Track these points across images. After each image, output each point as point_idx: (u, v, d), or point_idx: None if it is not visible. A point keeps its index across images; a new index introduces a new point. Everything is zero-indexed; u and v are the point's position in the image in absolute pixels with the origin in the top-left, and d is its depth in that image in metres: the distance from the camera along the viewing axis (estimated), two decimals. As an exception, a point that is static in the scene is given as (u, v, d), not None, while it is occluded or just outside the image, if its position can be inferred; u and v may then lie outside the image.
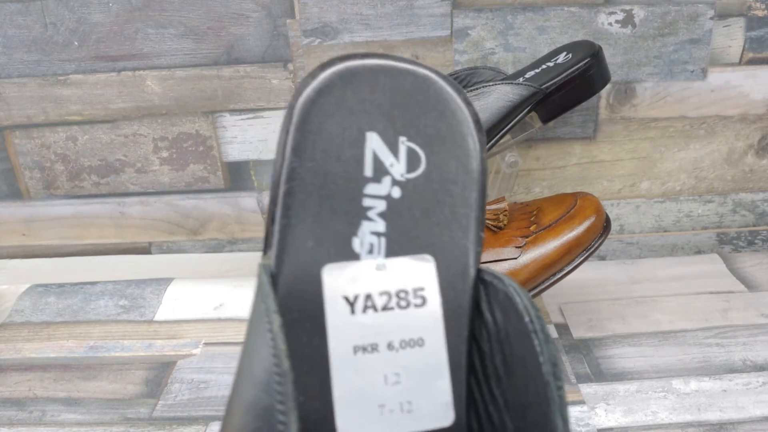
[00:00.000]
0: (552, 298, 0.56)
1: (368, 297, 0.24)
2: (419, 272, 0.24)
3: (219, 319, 0.55)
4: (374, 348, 0.24)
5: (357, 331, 0.23)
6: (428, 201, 0.25)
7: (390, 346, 0.24)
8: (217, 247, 0.64)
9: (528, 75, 0.54)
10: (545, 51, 0.57)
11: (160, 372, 0.49)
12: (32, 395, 0.47)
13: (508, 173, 0.55)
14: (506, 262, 0.45)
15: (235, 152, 0.60)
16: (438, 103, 0.24)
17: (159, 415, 0.45)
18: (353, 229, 0.24)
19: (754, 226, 0.64)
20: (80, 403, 0.46)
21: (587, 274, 0.60)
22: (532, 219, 0.48)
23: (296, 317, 0.23)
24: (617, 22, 0.56)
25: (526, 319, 0.22)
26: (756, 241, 0.64)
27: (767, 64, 0.58)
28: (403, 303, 0.24)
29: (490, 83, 0.50)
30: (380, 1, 0.56)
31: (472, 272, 0.25)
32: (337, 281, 0.23)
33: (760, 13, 0.56)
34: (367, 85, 0.24)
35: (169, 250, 0.64)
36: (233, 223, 0.63)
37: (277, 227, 0.24)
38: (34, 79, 0.58)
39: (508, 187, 0.56)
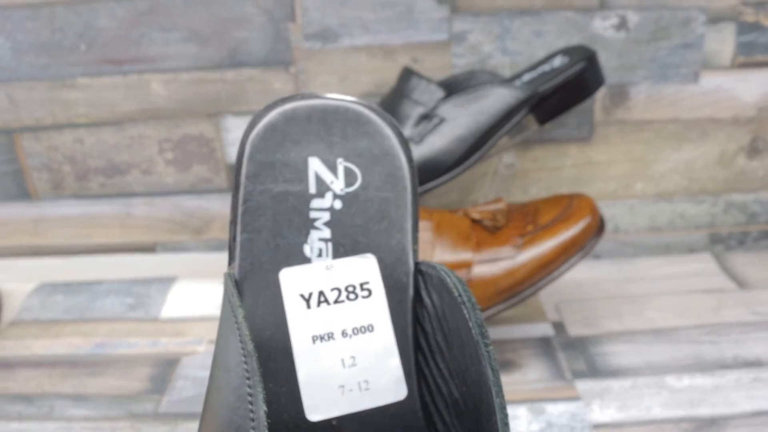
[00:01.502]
0: (548, 297, 0.57)
1: (321, 293, 0.27)
2: (364, 269, 0.28)
3: (223, 317, 0.56)
4: (330, 336, 0.27)
5: (314, 323, 0.27)
6: (367, 209, 0.29)
7: (344, 334, 0.27)
8: (220, 246, 0.64)
9: (525, 78, 0.54)
10: (541, 55, 0.58)
11: (165, 369, 0.50)
12: (41, 391, 0.48)
13: (505, 174, 0.56)
14: (503, 261, 0.46)
15: (238, 154, 0.61)
16: (368, 129, 0.29)
17: (164, 410, 0.45)
18: (303, 238, 0.29)
19: (746, 225, 0.64)
20: (87, 398, 0.47)
21: (583, 273, 0.60)
22: (529, 219, 0.48)
23: (261, 316, 0.27)
24: (612, 26, 0.57)
25: (455, 293, 0.26)
26: (747, 241, 0.65)
27: (758, 67, 0.59)
28: (351, 296, 0.27)
29: (488, 86, 0.51)
30: (380, 6, 0.57)
31: (411, 266, 0.29)
32: (293, 282, 0.27)
33: (750, 18, 0.57)
34: (306, 120, 0.29)
35: (173, 250, 0.65)
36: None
37: (238, 242, 0.28)
38: (42, 83, 0.59)
39: (506, 188, 0.57)
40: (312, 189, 0.29)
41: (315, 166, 0.29)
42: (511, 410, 0.44)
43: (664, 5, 0.57)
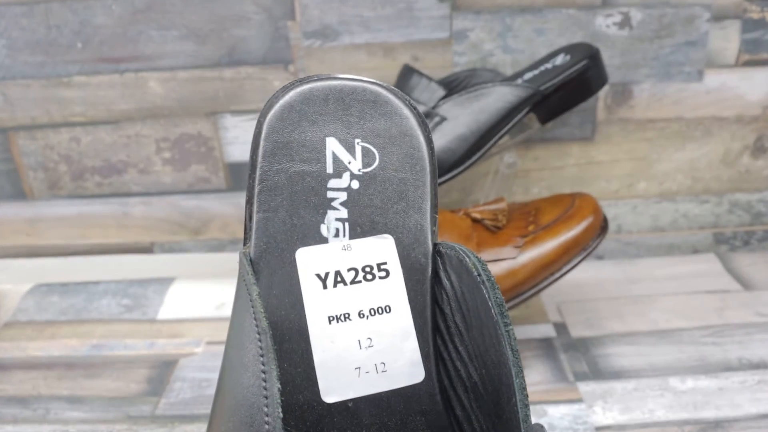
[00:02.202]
0: (550, 298, 0.57)
1: (338, 273, 0.27)
2: (381, 250, 0.28)
3: (220, 318, 0.55)
4: (347, 317, 0.27)
5: (330, 304, 0.27)
6: (385, 190, 0.29)
7: (361, 315, 0.27)
8: (218, 246, 0.64)
9: (526, 76, 0.54)
10: (543, 53, 0.58)
11: (163, 370, 0.49)
12: (36, 393, 0.47)
13: (506, 174, 0.56)
14: (505, 261, 0.45)
15: (236, 153, 0.61)
16: (386, 110, 0.29)
17: (161, 413, 0.45)
18: (320, 218, 0.28)
19: (750, 225, 0.64)
20: (83, 401, 0.46)
21: (585, 273, 0.60)
22: (530, 219, 0.48)
23: (276, 296, 0.27)
24: (615, 24, 0.57)
25: (475, 273, 0.25)
26: (752, 241, 0.64)
27: (762, 65, 0.58)
28: (369, 276, 0.28)
29: (489, 85, 0.51)
30: (380, 4, 0.56)
31: (429, 247, 0.29)
32: (309, 262, 0.27)
33: (755, 16, 0.57)
34: (323, 101, 0.29)
35: (171, 250, 0.65)
36: (234, 222, 0.63)
37: (254, 221, 0.28)
38: (38, 81, 0.59)
39: (507, 187, 0.57)
40: (329, 169, 0.29)
41: (332, 146, 0.29)
42: (512, 413, 0.44)
43: (667, 2, 0.56)
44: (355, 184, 0.29)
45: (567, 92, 0.52)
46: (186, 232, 0.64)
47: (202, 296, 0.58)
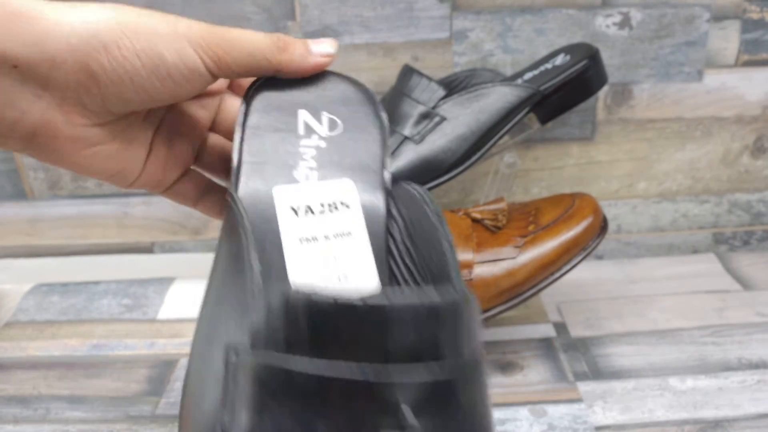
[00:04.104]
0: (550, 298, 0.57)
1: (308, 206, 0.34)
2: (343, 189, 0.35)
3: (221, 318, 0.55)
4: (315, 239, 0.33)
5: (301, 228, 0.33)
6: (346, 147, 0.36)
7: (326, 238, 0.33)
8: (218, 246, 0.64)
9: (526, 77, 0.54)
10: (543, 53, 0.58)
11: (163, 370, 0.49)
12: (37, 393, 0.47)
13: (506, 174, 0.56)
14: (505, 261, 0.45)
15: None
16: (345, 93, 0.37)
17: (162, 412, 0.45)
18: (294, 166, 0.35)
19: (750, 226, 0.64)
20: (84, 400, 0.47)
21: (585, 273, 0.60)
22: (530, 219, 0.48)
23: (259, 223, 0.33)
24: (614, 24, 0.57)
25: (417, 195, 0.32)
26: (751, 241, 0.64)
27: (762, 66, 0.58)
28: (332, 209, 0.34)
29: (489, 85, 0.51)
30: (380, 4, 0.56)
31: (384, 186, 0.35)
32: (284, 197, 0.33)
33: (755, 16, 0.57)
34: (297, 85, 0.36)
35: (171, 250, 0.65)
36: (235, 223, 0.63)
37: (241, 169, 0.34)
38: (38, 81, 0.58)
39: (507, 187, 0.57)
40: (301, 131, 0.36)
41: (303, 115, 0.36)
42: (512, 412, 0.44)
43: (667, 2, 0.56)
44: (323, 144, 0.36)
45: (567, 92, 0.52)
46: (186, 232, 0.64)
47: (203, 296, 0.58)
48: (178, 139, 0.36)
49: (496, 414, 0.44)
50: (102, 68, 0.27)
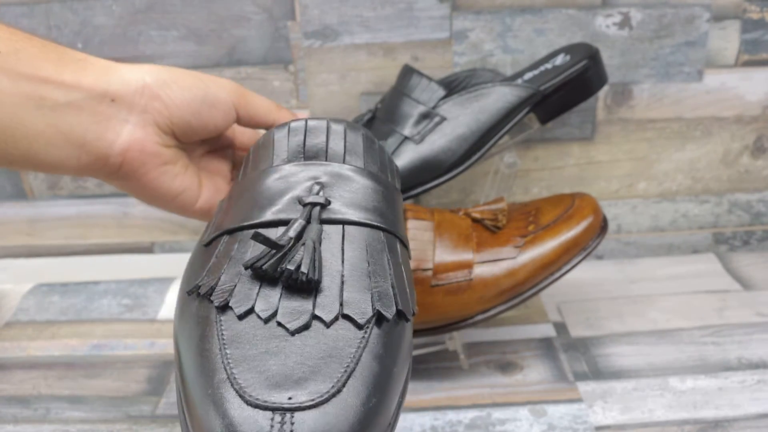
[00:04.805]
0: (550, 298, 0.57)
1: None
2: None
3: (221, 318, 0.55)
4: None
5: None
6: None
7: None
8: (218, 246, 0.64)
9: (526, 77, 0.54)
10: (543, 53, 0.58)
11: (163, 370, 0.49)
12: (37, 393, 0.47)
13: (506, 174, 0.56)
14: (505, 261, 0.45)
15: (236, 153, 0.61)
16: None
17: (161, 412, 0.45)
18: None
19: (750, 225, 0.64)
20: (84, 400, 0.47)
21: (585, 273, 0.60)
22: (530, 219, 0.48)
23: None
24: (614, 24, 0.57)
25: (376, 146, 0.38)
26: (751, 241, 0.64)
27: (762, 66, 0.58)
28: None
29: (489, 85, 0.51)
30: (380, 4, 0.56)
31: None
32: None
33: (755, 16, 0.57)
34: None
35: (171, 250, 0.65)
36: (235, 223, 0.63)
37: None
38: (38, 81, 0.58)
39: (507, 187, 0.57)
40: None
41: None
42: (512, 412, 0.44)
43: (667, 2, 0.56)
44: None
45: (567, 92, 0.52)
46: (186, 232, 0.64)
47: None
48: (215, 175, 0.44)
49: (497, 414, 0.44)
50: (168, 97, 0.38)
